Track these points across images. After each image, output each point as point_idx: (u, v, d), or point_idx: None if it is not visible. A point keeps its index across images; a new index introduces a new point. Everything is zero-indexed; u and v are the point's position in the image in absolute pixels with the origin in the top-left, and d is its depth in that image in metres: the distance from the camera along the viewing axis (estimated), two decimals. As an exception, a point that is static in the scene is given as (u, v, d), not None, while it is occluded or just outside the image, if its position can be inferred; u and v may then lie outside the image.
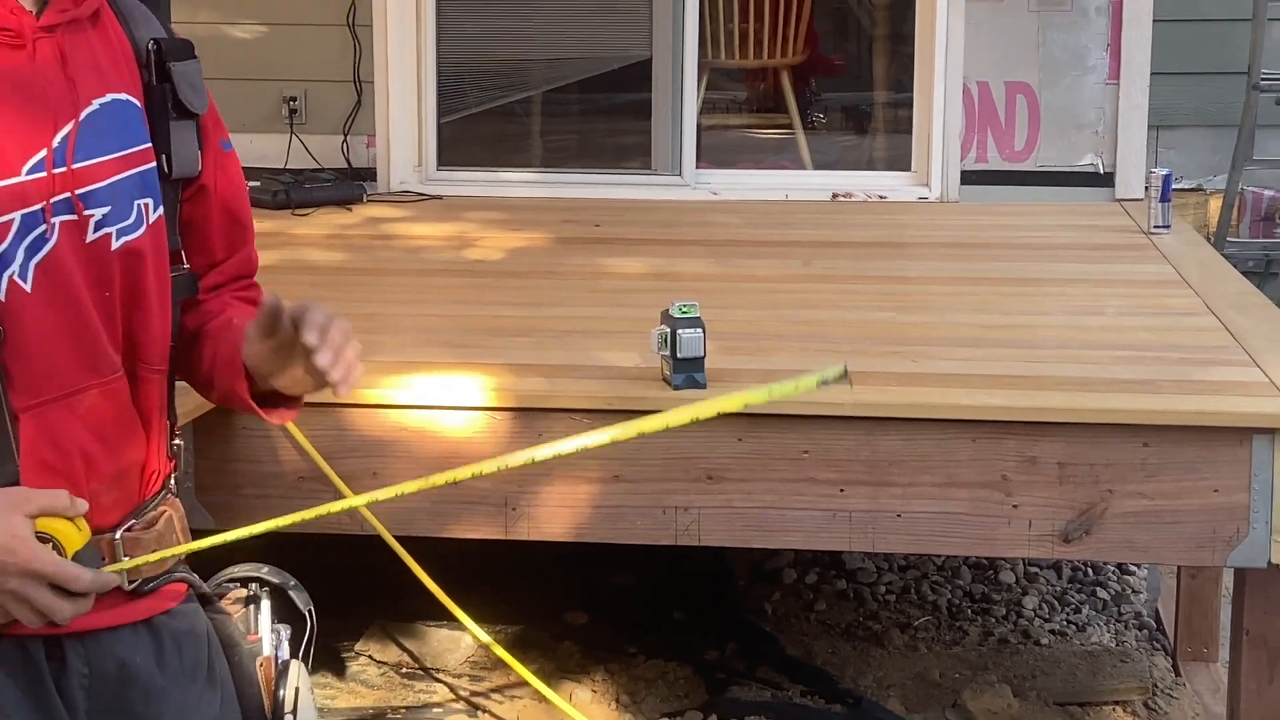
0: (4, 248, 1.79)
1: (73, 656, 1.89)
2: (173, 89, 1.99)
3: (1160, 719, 4.01)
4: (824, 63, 8.06)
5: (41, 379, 1.83)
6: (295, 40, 6.37)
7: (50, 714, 1.87)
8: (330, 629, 4.19)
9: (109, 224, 1.89)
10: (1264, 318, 3.96)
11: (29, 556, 1.69)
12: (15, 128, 1.81)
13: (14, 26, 1.82)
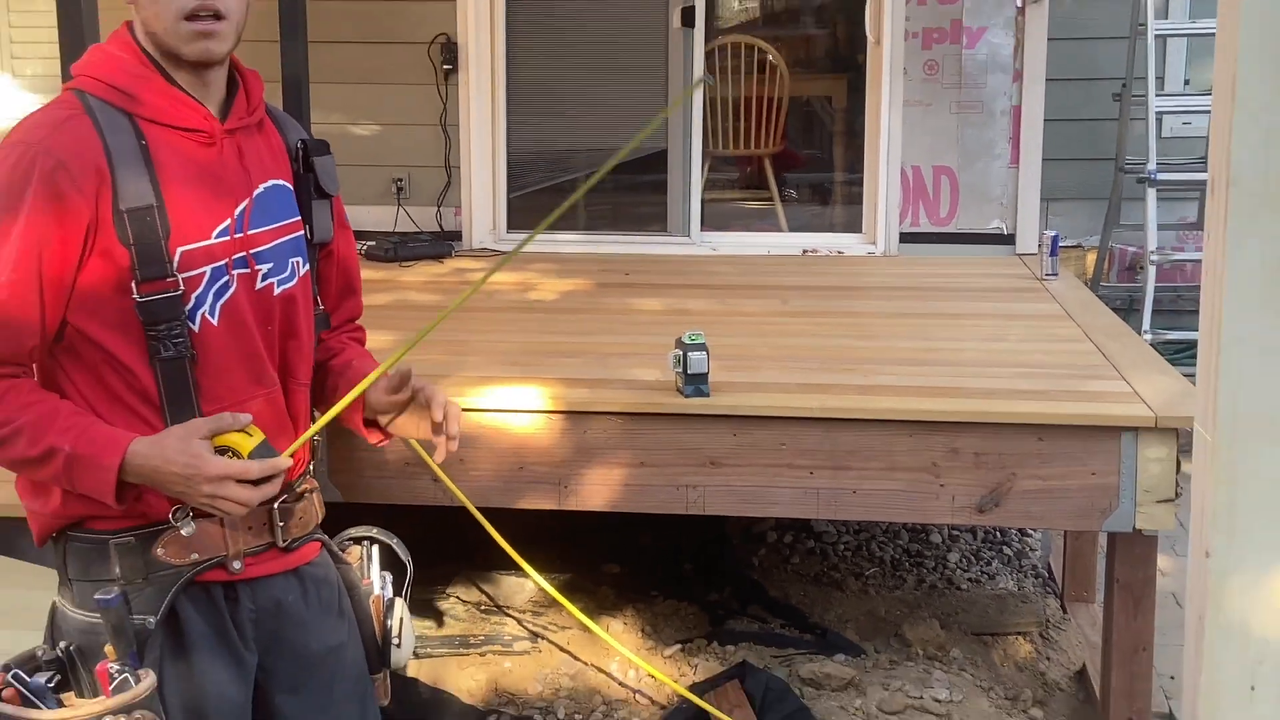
0: (198, 293, 1.82)
1: (244, 596, 1.92)
2: (315, 177, 2.03)
3: (1052, 646, 4.01)
4: (796, 152, 8.07)
5: (222, 390, 1.86)
6: (401, 136, 6.39)
7: (227, 638, 1.90)
8: (429, 577, 4.25)
9: (272, 276, 1.93)
10: (1129, 344, 3.98)
11: (207, 466, 1.70)
12: (208, 203, 1.85)
13: (208, 129, 1.86)
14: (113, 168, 1.77)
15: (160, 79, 1.86)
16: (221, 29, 1.82)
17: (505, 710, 3.59)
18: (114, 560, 1.83)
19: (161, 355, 1.82)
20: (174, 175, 1.83)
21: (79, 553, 1.87)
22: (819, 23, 9.36)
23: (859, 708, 3.51)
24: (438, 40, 6.27)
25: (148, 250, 1.79)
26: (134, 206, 1.78)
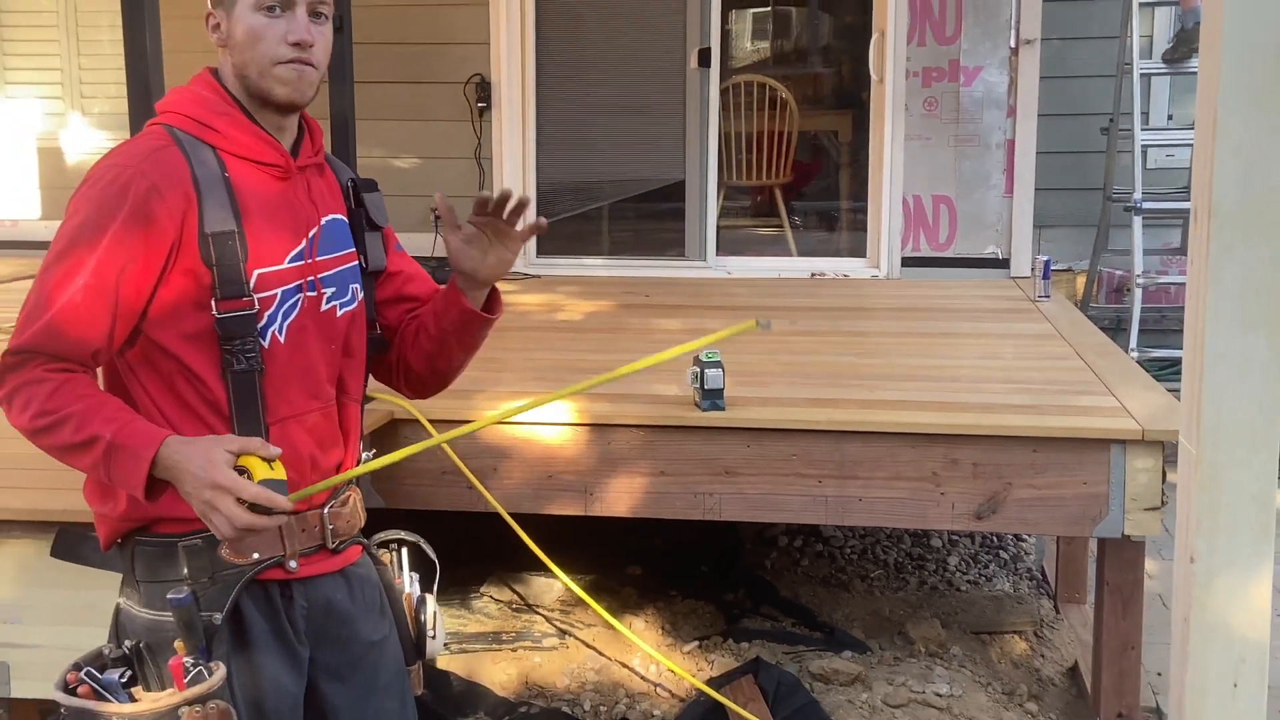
0: (270, 312, 1.85)
1: (297, 594, 1.93)
2: (365, 212, 2.05)
3: (1046, 644, 3.98)
4: (804, 182, 8.08)
5: (284, 403, 1.88)
6: (439, 168, 6.42)
7: (283, 634, 1.91)
8: (464, 578, 4.26)
9: (334, 299, 1.95)
10: (1117, 362, 3.97)
11: (216, 474, 1.68)
12: (281, 231, 1.88)
13: (284, 164, 1.89)
14: (199, 194, 1.80)
15: (242, 116, 1.88)
16: (311, 76, 1.86)
17: (535, 702, 3.58)
18: (182, 561, 1.84)
19: (234, 368, 1.83)
20: (252, 204, 1.85)
21: (147, 555, 1.87)
22: (826, 62, 9.40)
23: (865, 701, 3.50)
24: (472, 80, 6.31)
25: (228, 271, 1.81)
26: (217, 231, 1.80)
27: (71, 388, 1.75)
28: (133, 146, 1.85)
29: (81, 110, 7.13)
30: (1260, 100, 2.05)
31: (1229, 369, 2.15)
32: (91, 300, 1.75)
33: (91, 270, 1.75)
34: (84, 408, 1.74)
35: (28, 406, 1.74)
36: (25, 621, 2.67)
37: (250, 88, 1.87)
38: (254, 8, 1.82)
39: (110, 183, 1.78)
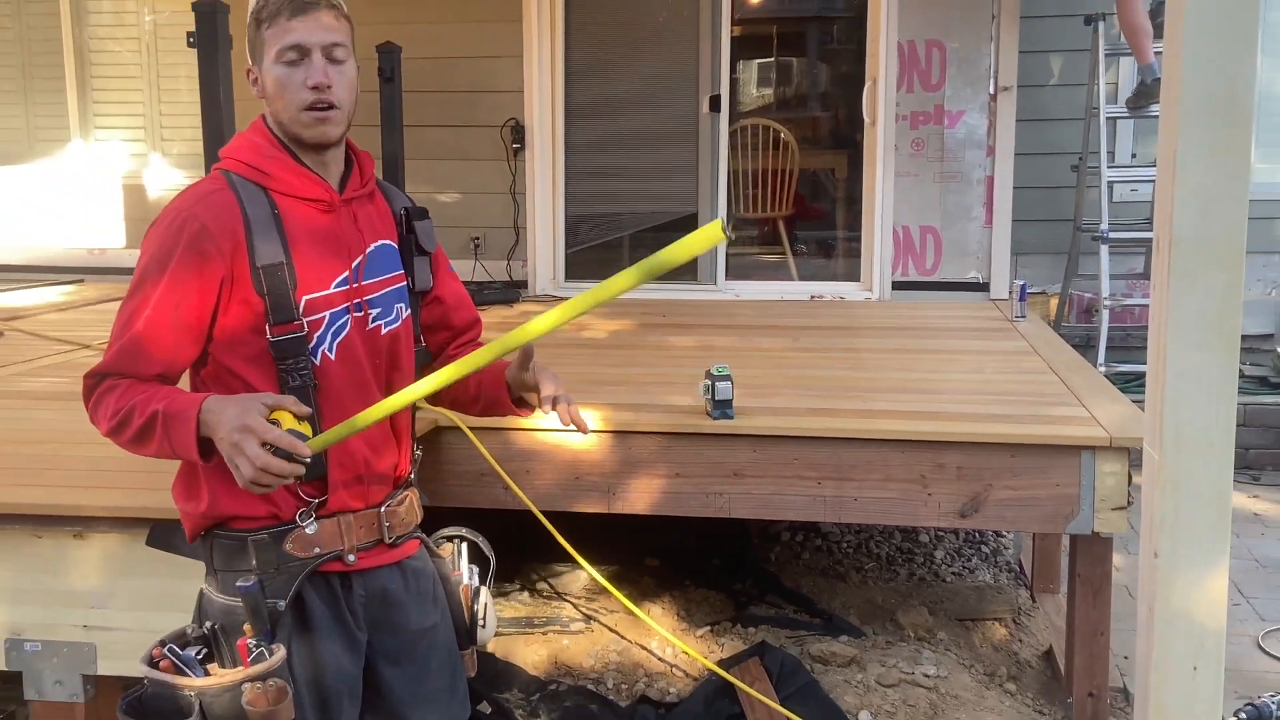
0: (319, 333, 1.86)
1: (356, 584, 1.94)
2: (415, 238, 2.06)
3: (1023, 630, 3.97)
4: (804, 214, 8.08)
5: (338, 413, 1.88)
6: (479, 203, 6.44)
7: (343, 619, 1.92)
8: (500, 569, 4.22)
9: (380, 319, 1.96)
10: (1087, 376, 3.95)
11: (246, 417, 1.69)
12: (327, 260, 1.89)
13: (328, 199, 1.90)
14: (249, 232, 1.82)
15: (289, 158, 1.89)
16: (334, 117, 1.87)
17: (563, 680, 3.58)
18: (251, 554, 1.86)
19: (290, 385, 1.85)
20: (300, 237, 1.87)
21: (223, 548, 1.89)
22: (823, 107, 9.41)
23: (860, 681, 3.48)
24: (508, 124, 6.34)
25: (279, 299, 1.83)
26: (268, 264, 1.82)
27: (132, 388, 1.80)
28: (191, 191, 1.88)
29: (161, 151, 7.18)
30: (1215, 145, 2.05)
31: (1188, 384, 2.14)
32: (154, 329, 1.80)
33: (155, 304, 1.80)
34: (143, 398, 1.78)
35: (105, 412, 1.80)
36: (111, 607, 2.68)
37: (286, 132, 1.89)
38: (276, 60, 1.84)
39: (169, 225, 1.82)
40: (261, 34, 1.86)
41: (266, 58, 1.85)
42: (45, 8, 7.18)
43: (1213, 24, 2.02)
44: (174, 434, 1.74)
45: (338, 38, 1.85)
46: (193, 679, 1.77)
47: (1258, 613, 4.06)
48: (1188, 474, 2.17)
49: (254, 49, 1.89)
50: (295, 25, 1.82)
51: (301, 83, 1.83)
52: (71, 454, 3.09)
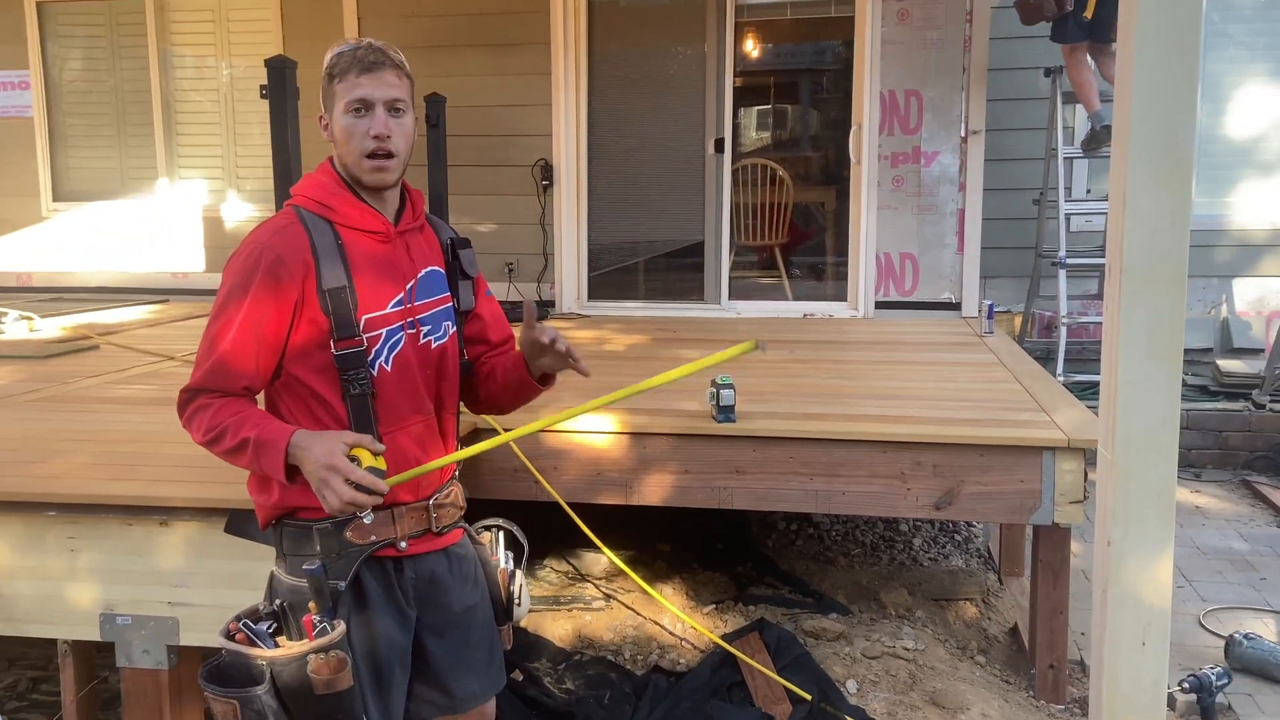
0: (377, 347, 1.88)
1: (407, 568, 1.95)
2: (460, 264, 2.07)
3: (992, 609, 3.94)
4: (798, 242, 8.07)
5: (393, 417, 1.89)
6: (512, 232, 6.46)
7: (395, 599, 1.92)
8: (530, 553, 4.24)
9: (430, 335, 1.97)
10: (1047, 385, 3.93)
11: (332, 457, 1.73)
12: (384, 283, 1.90)
13: (385, 231, 1.91)
14: (317, 260, 1.84)
15: (351, 195, 1.91)
16: (391, 165, 1.89)
17: (586, 651, 3.58)
18: (316, 540, 1.87)
19: (351, 393, 1.86)
20: (361, 264, 1.88)
21: (291, 534, 1.90)
22: (815, 148, 9.40)
23: (847, 654, 3.47)
24: (538, 163, 6.36)
25: (342, 318, 1.84)
26: (333, 287, 1.84)
27: (225, 407, 1.81)
28: (266, 225, 1.89)
29: (236, 188, 7.23)
30: (1159, 183, 2.05)
31: (1137, 392, 2.13)
32: (239, 348, 1.81)
33: (238, 325, 1.81)
34: (235, 420, 1.79)
35: (200, 426, 1.82)
36: (191, 586, 2.69)
37: (350, 173, 1.91)
38: (345, 111, 1.86)
39: (248, 256, 1.83)
40: (333, 87, 1.88)
41: (336, 108, 1.87)
42: (137, 63, 7.24)
43: (1158, 76, 2.03)
44: (263, 459, 1.78)
45: (399, 94, 1.87)
46: (264, 650, 1.78)
47: (1199, 595, 4.03)
48: (1136, 471, 2.16)
49: (326, 99, 1.90)
50: (362, 81, 1.85)
51: (365, 132, 1.85)
52: (158, 452, 3.11)
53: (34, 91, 7.30)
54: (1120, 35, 2.11)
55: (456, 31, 6.34)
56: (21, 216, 7.41)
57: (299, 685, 1.76)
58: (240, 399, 1.84)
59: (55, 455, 3.09)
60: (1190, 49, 2.02)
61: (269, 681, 1.76)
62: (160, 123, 7.23)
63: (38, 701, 3.33)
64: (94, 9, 7.24)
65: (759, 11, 7.94)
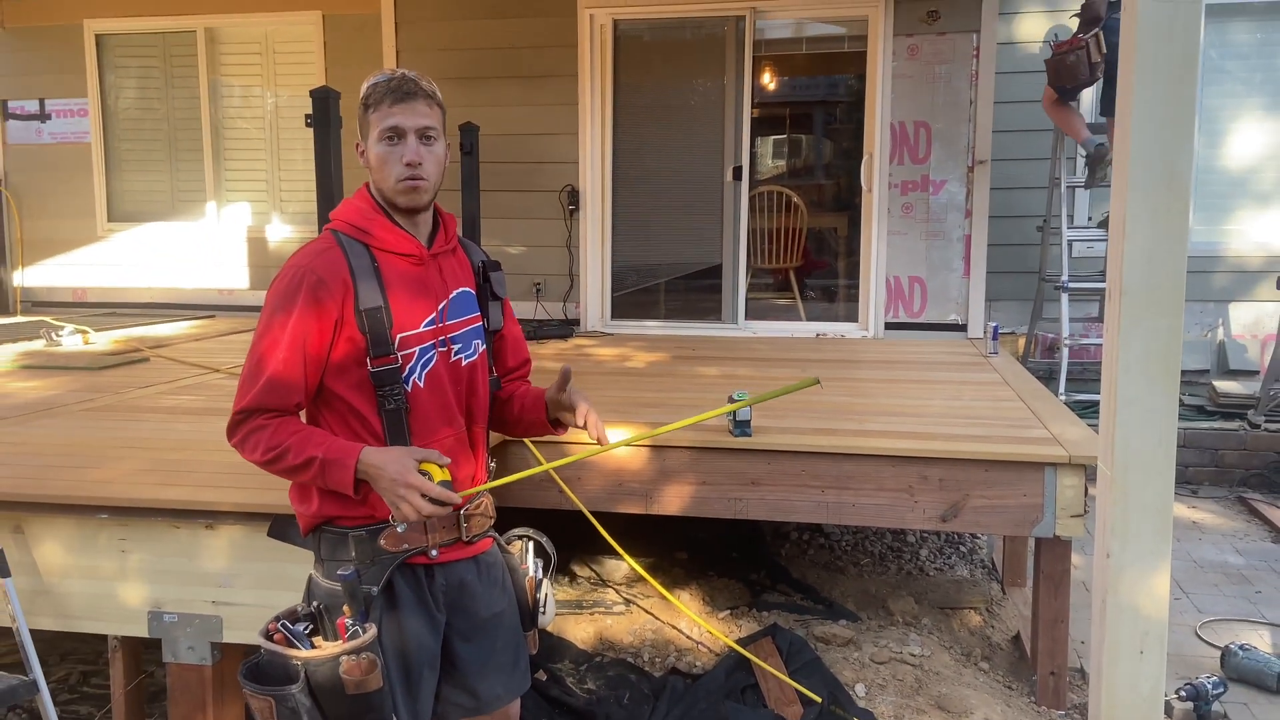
0: (411, 364, 1.88)
1: (438, 575, 1.95)
2: (490, 286, 2.08)
3: (995, 618, 3.91)
4: (812, 265, 8.07)
5: (426, 430, 1.90)
6: (540, 254, 6.48)
7: (425, 604, 1.92)
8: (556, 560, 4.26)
9: (461, 353, 1.98)
10: (1049, 403, 3.91)
11: (410, 476, 1.74)
12: (418, 304, 1.90)
13: (418, 254, 1.92)
14: (355, 282, 1.84)
15: (386, 220, 1.92)
16: (423, 187, 1.90)
17: (607, 654, 3.57)
18: (351, 547, 1.87)
19: (386, 407, 1.87)
20: (396, 285, 1.89)
21: (329, 541, 1.90)
22: (828, 176, 9.42)
23: (856, 659, 3.45)
24: (565, 189, 6.39)
25: (378, 336, 1.85)
26: (369, 307, 1.84)
27: (283, 426, 1.80)
28: (307, 249, 1.89)
29: (279, 210, 7.30)
30: (1158, 211, 2.05)
31: (1135, 411, 2.13)
32: (289, 366, 1.81)
33: (286, 344, 1.81)
34: (297, 440, 1.79)
35: (256, 447, 1.80)
36: (234, 586, 2.71)
37: (385, 198, 1.92)
38: (379, 139, 1.88)
39: (291, 279, 1.84)
40: (368, 116, 1.89)
41: (371, 136, 1.89)
42: (188, 92, 7.33)
43: (1157, 109, 2.03)
44: (331, 476, 1.78)
45: (430, 122, 1.88)
46: (300, 650, 1.79)
47: (1196, 606, 3.99)
48: (1135, 487, 2.15)
49: (362, 128, 1.92)
50: (395, 111, 1.86)
51: (399, 159, 1.87)
52: (204, 459, 3.14)
53: (92, 118, 7.41)
54: (1120, 68, 2.11)
55: (490, 64, 6.39)
56: (79, 236, 7.50)
57: (331, 685, 1.76)
58: (294, 418, 1.84)
59: (108, 461, 3.13)
60: (1187, 82, 2.03)
61: (303, 680, 1.76)
62: (209, 148, 7.32)
63: (88, 694, 3.36)
64: (149, 41, 7.35)
65: (776, 46, 7.98)
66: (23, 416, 3.78)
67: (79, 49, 7.36)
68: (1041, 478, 3.14)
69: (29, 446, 3.33)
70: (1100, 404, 2.23)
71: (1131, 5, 2.06)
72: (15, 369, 4.89)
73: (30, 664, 2.57)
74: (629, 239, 6.57)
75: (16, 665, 2.61)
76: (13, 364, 5.01)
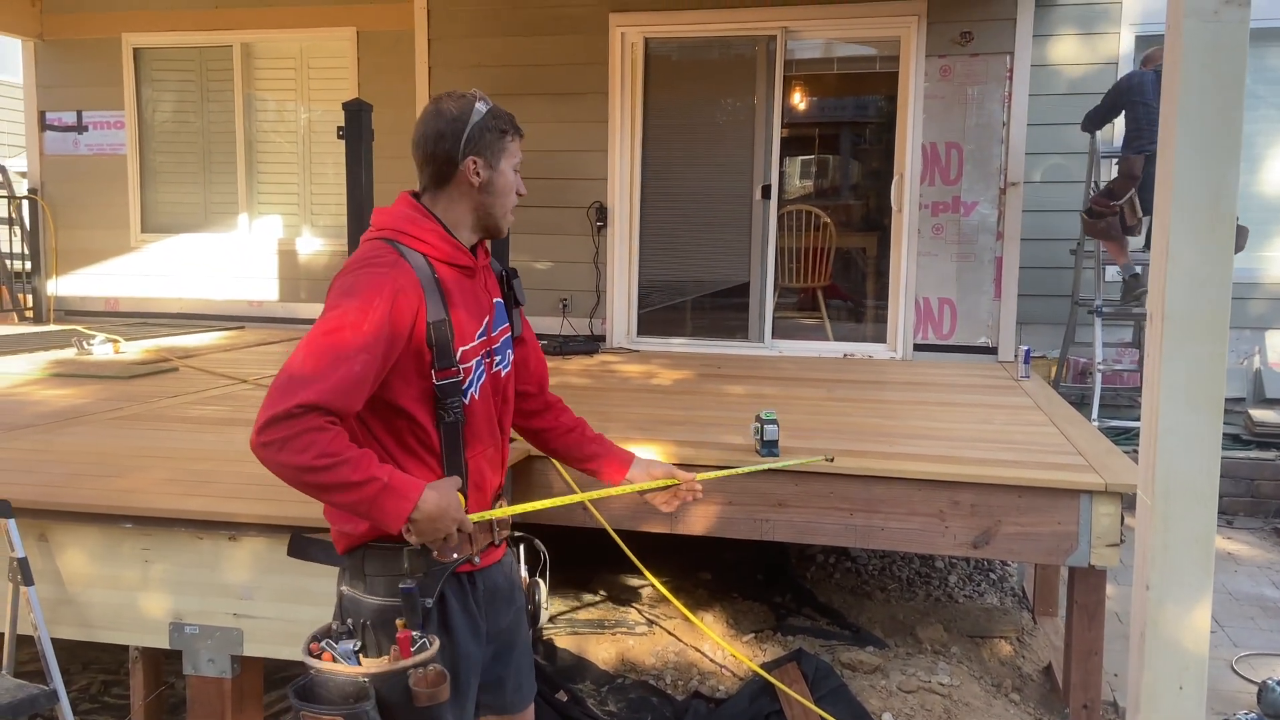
0: (470, 378, 1.88)
1: (478, 581, 1.95)
2: (514, 293, 2.06)
3: (1026, 648, 3.84)
4: (840, 285, 8.03)
5: (476, 443, 1.91)
6: (567, 270, 6.48)
7: (470, 610, 1.93)
8: (578, 577, 4.23)
9: (500, 364, 1.98)
10: (1084, 429, 3.85)
11: (460, 515, 1.78)
12: (472, 316, 1.91)
13: (472, 265, 1.92)
14: (424, 293, 1.81)
15: (442, 229, 1.89)
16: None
17: (628, 675, 3.53)
18: (405, 561, 1.83)
19: (446, 420, 1.85)
20: (454, 297, 1.87)
21: (378, 557, 1.85)
22: (857, 196, 9.37)
23: (883, 687, 3.39)
24: (593, 205, 6.39)
25: (443, 349, 1.83)
26: (435, 320, 1.81)
27: (343, 438, 1.69)
28: (381, 257, 1.81)
29: (310, 224, 7.34)
30: (1202, 234, 2.00)
31: (1177, 439, 2.07)
32: (365, 371, 1.72)
33: (364, 348, 1.71)
34: (357, 455, 1.68)
35: (308, 449, 1.64)
36: (255, 599, 2.69)
37: (489, 219, 1.92)
38: (513, 169, 1.92)
39: (375, 289, 1.75)
40: (506, 142, 1.89)
41: (505, 161, 1.90)
42: (223, 106, 7.41)
43: (1202, 131, 1.98)
44: (387, 504, 1.69)
45: None
46: (368, 666, 1.75)
47: (1231, 639, 3.90)
48: (1176, 517, 2.09)
49: (494, 150, 1.88)
50: (519, 145, 1.94)
51: (515, 189, 1.93)
52: (229, 470, 3.13)
53: (128, 131, 7.49)
54: (1165, 89, 2.07)
55: (520, 80, 6.41)
56: (112, 247, 7.58)
57: (398, 699, 1.73)
58: (346, 430, 1.74)
59: (133, 470, 3.13)
60: (1233, 105, 1.98)
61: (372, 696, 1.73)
62: (242, 162, 7.38)
63: (108, 704, 3.35)
64: (186, 55, 7.44)
65: (807, 66, 7.97)
66: (51, 424, 3.80)
67: (117, 62, 7.45)
68: (1076, 505, 3.08)
69: (56, 454, 3.34)
70: (1140, 431, 2.18)
71: (1176, 25, 2.02)
72: (46, 376, 4.93)
73: (51, 673, 2.56)
74: (656, 256, 6.55)
75: (38, 674, 2.60)
76: (44, 371, 5.05)
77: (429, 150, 1.88)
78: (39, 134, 7.65)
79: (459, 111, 1.88)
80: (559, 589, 4.14)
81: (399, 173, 7.01)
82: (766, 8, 6.11)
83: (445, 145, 1.87)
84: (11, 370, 5.07)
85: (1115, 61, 6.03)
